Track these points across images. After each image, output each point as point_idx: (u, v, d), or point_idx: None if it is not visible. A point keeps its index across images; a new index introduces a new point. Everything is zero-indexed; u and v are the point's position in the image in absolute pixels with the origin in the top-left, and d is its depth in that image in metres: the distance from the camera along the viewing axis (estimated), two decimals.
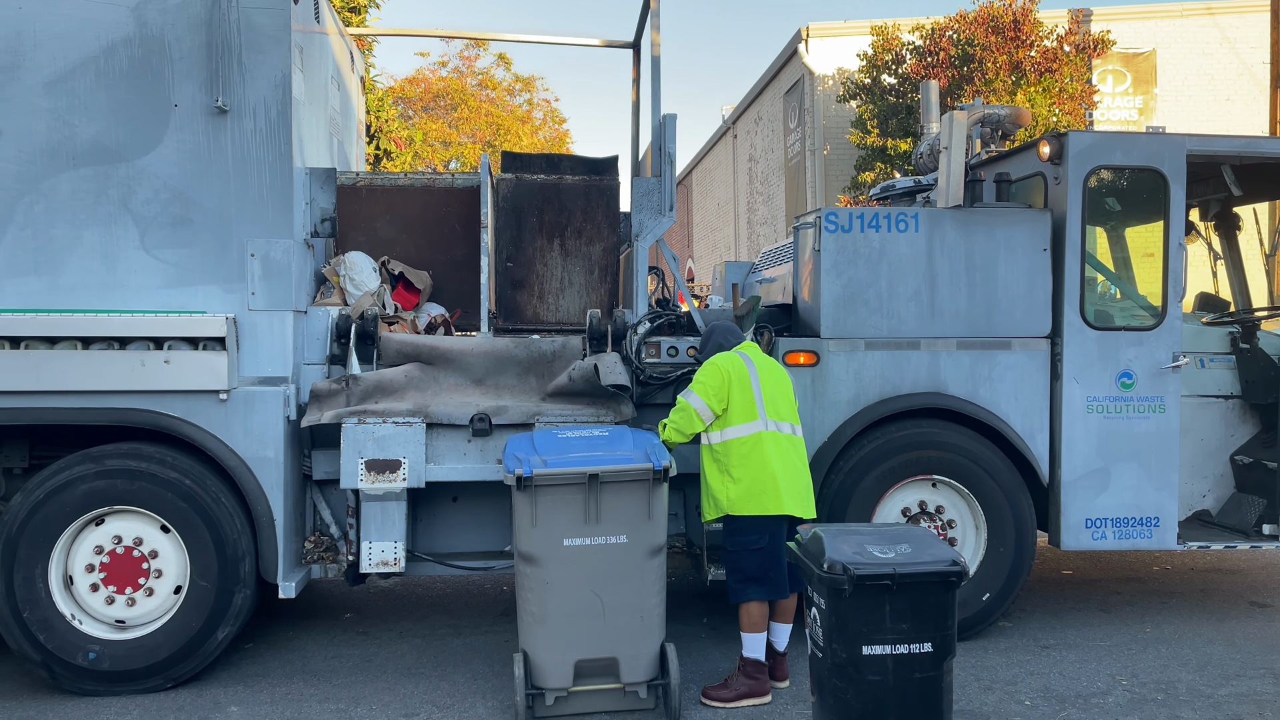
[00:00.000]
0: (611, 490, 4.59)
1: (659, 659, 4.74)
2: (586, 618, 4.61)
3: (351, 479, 5.17)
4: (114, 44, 5.03)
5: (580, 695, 4.69)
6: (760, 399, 4.87)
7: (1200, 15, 20.16)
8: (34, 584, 4.92)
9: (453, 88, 28.56)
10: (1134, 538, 5.80)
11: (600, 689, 4.72)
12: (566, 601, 4.60)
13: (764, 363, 5.00)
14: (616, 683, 4.71)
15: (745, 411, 4.85)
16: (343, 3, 14.86)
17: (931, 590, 3.93)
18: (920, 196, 7.13)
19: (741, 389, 4.85)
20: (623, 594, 4.63)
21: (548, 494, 4.57)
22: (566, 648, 4.63)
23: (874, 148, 17.03)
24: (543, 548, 4.58)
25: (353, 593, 6.78)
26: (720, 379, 4.86)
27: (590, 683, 4.69)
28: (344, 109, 6.81)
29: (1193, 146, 5.84)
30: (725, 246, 29.97)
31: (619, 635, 4.65)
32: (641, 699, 4.73)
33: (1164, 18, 20.15)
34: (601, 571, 4.60)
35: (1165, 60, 20.08)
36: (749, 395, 4.85)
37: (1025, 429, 5.73)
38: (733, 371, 4.86)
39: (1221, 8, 20.19)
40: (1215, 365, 6.29)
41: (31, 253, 5.00)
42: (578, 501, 4.57)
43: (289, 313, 5.22)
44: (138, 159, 5.06)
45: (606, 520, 4.59)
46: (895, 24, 17.71)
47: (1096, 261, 6.33)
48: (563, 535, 4.57)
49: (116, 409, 5.01)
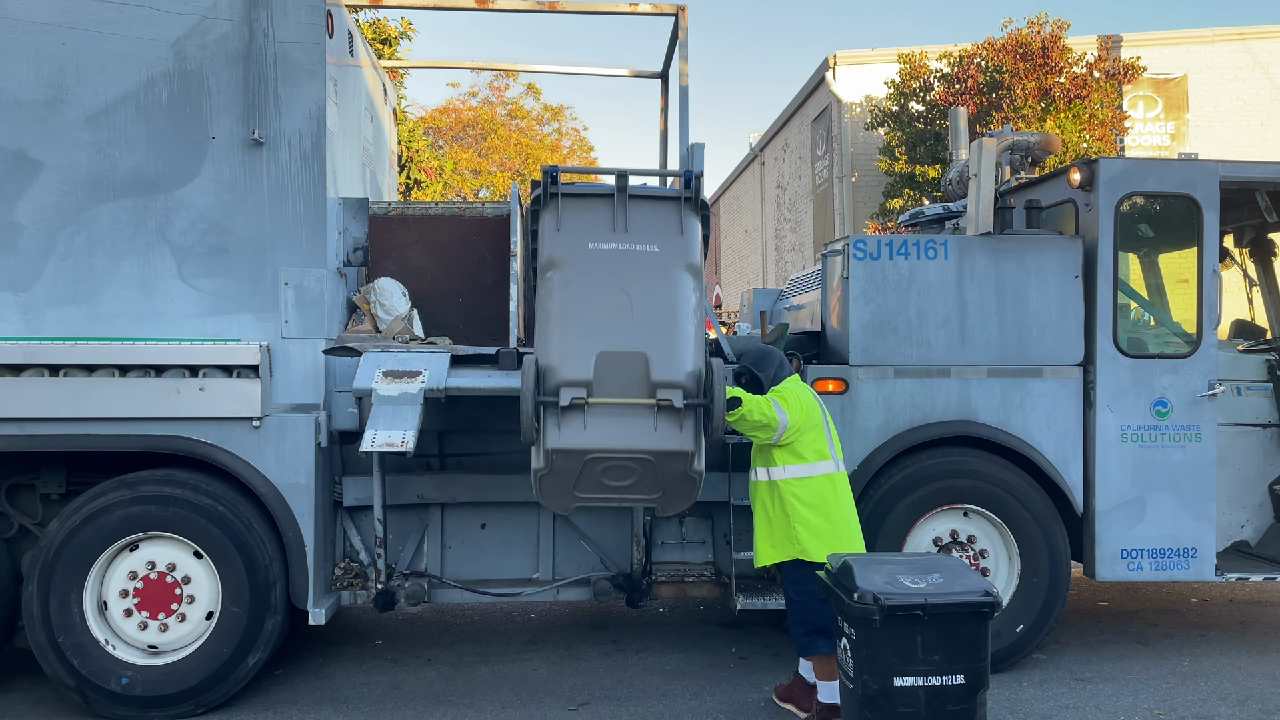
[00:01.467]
0: (639, 204, 4.20)
1: (700, 376, 4.18)
2: (613, 313, 4.16)
3: (366, 381, 4.97)
4: (154, 78, 5.14)
5: (601, 413, 4.06)
6: (830, 437, 4.74)
7: (1232, 40, 20.02)
8: (69, 609, 4.97)
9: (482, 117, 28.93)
10: (1171, 569, 5.71)
11: (626, 403, 4.11)
12: (591, 294, 4.20)
13: (817, 399, 4.91)
14: (645, 397, 4.11)
15: (818, 450, 4.68)
16: (375, 35, 15.12)
17: (964, 621, 3.89)
18: (949, 223, 7.11)
19: (816, 426, 4.69)
20: (654, 296, 4.18)
21: (572, 203, 4.17)
22: (588, 338, 4.12)
23: (902, 174, 17.01)
24: (567, 251, 4.20)
25: (382, 619, 6.79)
26: (802, 407, 4.66)
27: (614, 395, 4.11)
28: (376, 140, 6.91)
29: (1226, 173, 5.79)
30: (753, 273, 29.96)
31: (649, 332, 4.14)
32: (678, 410, 4.03)
33: (1195, 43, 20.03)
34: (631, 273, 4.17)
35: (1197, 86, 19.94)
36: (821, 432, 4.71)
37: (1058, 458, 5.67)
38: (813, 407, 4.66)
39: (1253, 33, 20.04)
40: (1252, 393, 6.19)
41: (71, 282, 5.10)
42: (604, 210, 4.20)
43: (322, 340, 5.28)
44: (176, 190, 5.16)
45: (636, 231, 4.20)
46: (923, 51, 17.73)
47: (1129, 288, 6.28)
48: (588, 240, 4.20)
49: (152, 435, 5.08)
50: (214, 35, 5.16)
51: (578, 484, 4.34)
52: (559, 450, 4.21)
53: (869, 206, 19.51)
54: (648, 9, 6.35)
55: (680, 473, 4.28)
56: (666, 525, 5.87)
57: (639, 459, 4.21)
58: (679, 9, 6.24)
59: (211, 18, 5.15)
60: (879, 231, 17.22)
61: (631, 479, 4.29)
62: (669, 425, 4.18)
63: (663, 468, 4.28)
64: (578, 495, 4.43)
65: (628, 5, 6.37)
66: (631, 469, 4.24)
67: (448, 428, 5.61)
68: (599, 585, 5.63)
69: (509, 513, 5.74)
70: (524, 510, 5.73)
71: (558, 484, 4.34)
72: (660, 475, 4.30)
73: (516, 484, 5.61)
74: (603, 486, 4.36)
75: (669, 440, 4.16)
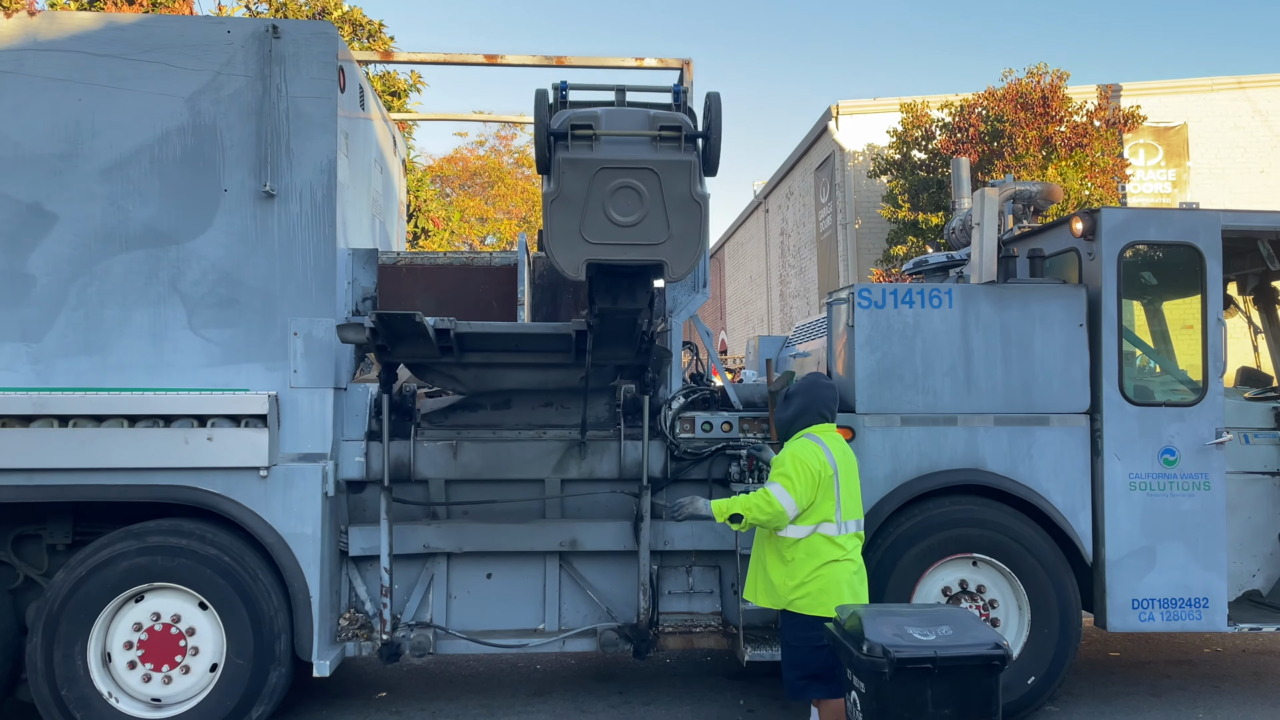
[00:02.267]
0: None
1: (700, 116, 4.55)
2: None
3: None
4: (168, 132, 5.23)
5: (607, 141, 4.37)
6: (839, 503, 4.65)
7: (1230, 89, 20.24)
8: (73, 661, 4.95)
9: (489, 166, 29.23)
10: (1183, 619, 5.65)
11: (630, 133, 4.39)
12: None
13: (841, 453, 4.74)
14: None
15: (822, 513, 4.62)
16: (385, 87, 15.35)
17: (974, 674, 3.86)
18: (953, 271, 7.16)
19: (826, 493, 4.61)
20: None
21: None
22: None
23: (905, 221, 17.12)
24: None
25: (386, 671, 6.73)
26: (809, 481, 4.57)
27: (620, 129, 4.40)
28: (386, 190, 7.00)
29: (1228, 222, 5.83)
30: (758, 319, 30.05)
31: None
32: (677, 138, 4.36)
33: (1193, 92, 20.25)
34: None
35: (1197, 133, 20.12)
36: (831, 500, 4.63)
37: (1067, 506, 5.64)
38: (822, 474, 4.59)
39: (1252, 81, 20.27)
40: (1260, 441, 6.17)
41: (83, 333, 5.15)
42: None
43: (329, 389, 5.30)
44: (188, 241, 5.23)
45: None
46: (924, 101, 17.94)
47: (1134, 337, 6.29)
48: None
49: (160, 486, 5.09)
50: (228, 90, 5.25)
51: (586, 218, 4.39)
52: (569, 160, 4.35)
53: (873, 253, 19.62)
54: (654, 63, 6.45)
55: (684, 195, 4.41)
56: (673, 575, 5.84)
57: (645, 172, 4.40)
58: (684, 63, 6.35)
59: (226, 73, 5.25)
60: (883, 278, 17.29)
61: (639, 213, 4.40)
62: (669, 147, 4.45)
63: (668, 185, 4.40)
64: (587, 240, 4.41)
65: (634, 60, 6.48)
66: (638, 193, 4.39)
67: (454, 476, 5.61)
68: (605, 636, 5.59)
69: (515, 562, 5.72)
70: (530, 560, 5.72)
71: (567, 216, 4.38)
72: (665, 200, 4.40)
73: (522, 533, 5.61)
74: (611, 226, 4.40)
75: (671, 154, 4.43)
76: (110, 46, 5.20)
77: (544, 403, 5.88)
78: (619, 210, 4.38)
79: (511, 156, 29.97)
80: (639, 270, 4.58)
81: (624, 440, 5.67)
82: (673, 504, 5.01)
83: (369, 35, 15.13)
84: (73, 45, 5.19)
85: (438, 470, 5.57)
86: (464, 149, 29.83)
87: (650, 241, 4.42)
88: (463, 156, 29.57)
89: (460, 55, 6.48)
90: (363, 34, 15.09)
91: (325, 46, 5.32)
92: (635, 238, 4.41)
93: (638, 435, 5.66)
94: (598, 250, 4.40)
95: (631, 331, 5.02)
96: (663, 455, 5.69)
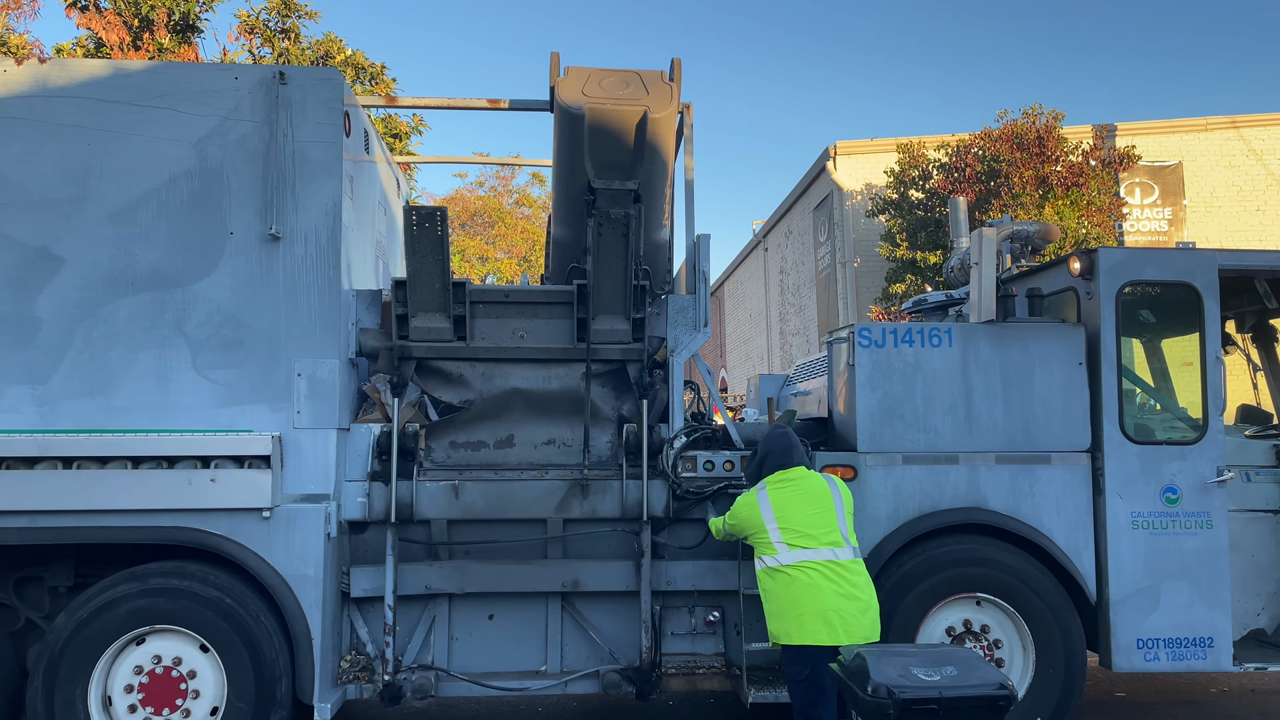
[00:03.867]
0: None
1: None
2: None
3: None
4: (175, 177, 5.30)
5: None
6: (776, 533, 4.94)
7: (1225, 129, 20.44)
8: (74, 705, 4.92)
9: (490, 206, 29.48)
10: (1188, 659, 5.62)
11: None
12: None
13: (810, 486, 5.08)
14: None
15: (766, 546, 4.99)
16: (387, 130, 15.52)
17: (979, 714, 3.84)
18: (952, 310, 7.20)
19: (756, 530, 5.02)
20: None
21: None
22: None
23: (904, 260, 17.22)
24: None
25: (388, 714, 6.67)
26: (736, 521, 5.16)
27: None
28: (389, 232, 7.06)
29: (1224, 261, 5.88)
30: (759, 356, 30.11)
31: None
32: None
33: (1188, 131, 20.44)
34: None
35: (1192, 172, 20.29)
36: (765, 534, 4.98)
37: (1070, 545, 5.64)
38: (748, 517, 5.08)
39: (1246, 121, 20.47)
40: (1262, 479, 6.17)
41: (88, 375, 5.17)
42: None
43: (333, 430, 5.32)
44: (193, 284, 5.27)
45: None
46: (921, 141, 18.11)
47: (1134, 375, 6.32)
48: None
49: (162, 527, 5.09)
50: (235, 135, 5.33)
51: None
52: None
53: (872, 291, 19.71)
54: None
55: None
56: (676, 616, 5.82)
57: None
58: (684, 106, 6.42)
59: (233, 119, 5.33)
60: (882, 316, 17.35)
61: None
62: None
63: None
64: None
65: None
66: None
67: (456, 516, 5.61)
68: (608, 678, 5.56)
69: (517, 603, 5.70)
70: (532, 601, 5.70)
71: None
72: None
73: (525, 574, 5.60)
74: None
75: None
76: (119, 93, 5.28)
77: (546, 440, 5.90)
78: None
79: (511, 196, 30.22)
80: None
81: (626, 479, 5.68)
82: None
83: (372, 78, 15.32)
84: (82, 91, 5.28)
85: (439, 510, 5.57)
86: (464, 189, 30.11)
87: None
88: (463, 197, 29.85)
89: (463, 100, 6.57)
90: (365, 77, 15.29)
91: (331, 92, 5.41)
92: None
93: (640, 475, 5.67)
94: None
95: (625, 272, 5.67)
96: (665, 494, 5.70)
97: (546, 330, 5.88)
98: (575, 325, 5.82)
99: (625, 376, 5.96)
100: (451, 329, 5.72)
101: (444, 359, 5.82)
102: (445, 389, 5.87)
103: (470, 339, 5.79)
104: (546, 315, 5.88)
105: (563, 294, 5.85)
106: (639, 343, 5.87)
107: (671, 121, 5.77)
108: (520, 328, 5.87)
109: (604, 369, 5.95)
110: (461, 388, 5.87)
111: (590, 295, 5.70)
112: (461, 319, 5.73)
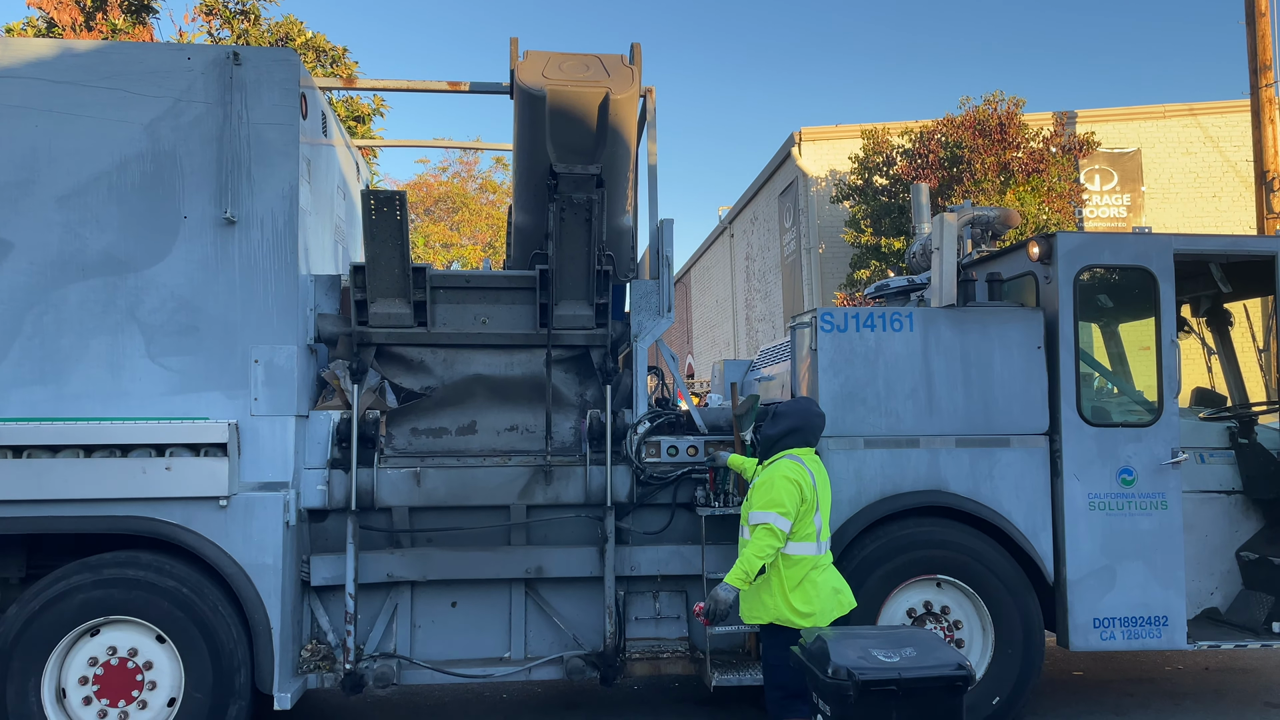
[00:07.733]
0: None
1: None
2: None
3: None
4: (127, 159, 5.18)
5: None
6: (820, 523, 4.70)
7: (1183, 116, 20.72)
8: (26, 698, 4.83)
9: (454, 191, 29.23)
10: (1143, 637, 5.72)
11: None
12: None
13: (821, 475, 4.81)
14: None
15: (808, 533, 4.66)
16: (348, 112, 15.32)
17: (939, 695, 3.88)
18: (914, 295, 7.24)
19: (809, 511, 4.66)
20: None
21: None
22: None
23: (868, 246, 17.32)
24: None
25: (349, 703, 6.63)
26: (797, 500, 4.61)
27: None
28: (349, 217, 6.97)
29: (1179, 246, 5.96)
30: (725, 343, 30.19)
31: None
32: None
33: (1146, 119, 20.71)
34: None
35: (1150, 159, 20.57)
36: (811, 519, 4.67)
37: (1028, 527, 5.70)
38: (808, 495, 4.64)
39: (1203, 109, 20.77)
40: (1215, 460, 6.28)
41: (38, 362, 5.06)
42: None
43: (291, 417, 5.25)
44: (146, 269, 5.17)
45: None
46: (885, 127, 18.20)
47: (1091, 358, 6.39)
48: None
49: (116, 517, 5.01)
50: (188, 117, 5.22)
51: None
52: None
53: (836, 277, 19.81)
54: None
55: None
56: (640, 601, 5.82)
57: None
58: (646, 90, 6.39)
59: (186, 100, 5.22)
60: (847, 301, 17.44)
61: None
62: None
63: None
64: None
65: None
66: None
67: (418, 504, 5.57)
68: (572, 664, 5.55)
69: (480, 590, 5.68)
70: (495, 588, 5.68)
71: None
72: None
73: (488, 560, 5.57)
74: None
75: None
76: (67, 73, 5.15)
77: (509, 426, 5.87)
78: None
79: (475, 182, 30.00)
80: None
81: (589, 465, 5.67)
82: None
83: (333, 61, 15.11)
84: (29, 72, 5.14)
85: (401, 498, 5.53)
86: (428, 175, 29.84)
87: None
88: (426, 183, 29.58)
89: (423, 83, 6.48)
90: (326, 60, 15.08)
91: (287, 73, 5.31)
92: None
93: (604, 461, 5.66)
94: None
95: (588, 257, 5.62)
96: (629, 480, 5.69)
97: (509, 316, 5.84)
98: (538, 311, 5.78)
99: (589, 362, 5.94)
100: (412, 315, 5.67)
101: (404, 345, 5.77)
102: (406, 375, 5.82)
103: (431, 325, 5.73)
104: (509, 301, 5.85)
105: (525, 279, 5.80)
106: (602, 328, 5.85)
107: (633, 104, 5.72)
108: (482, 313, 5.83)
109: (567, 354, 5.93)
110: (423, 374, 5.83)
111: (553, 280, 5.67)
112: (422, 304, 5.67)
